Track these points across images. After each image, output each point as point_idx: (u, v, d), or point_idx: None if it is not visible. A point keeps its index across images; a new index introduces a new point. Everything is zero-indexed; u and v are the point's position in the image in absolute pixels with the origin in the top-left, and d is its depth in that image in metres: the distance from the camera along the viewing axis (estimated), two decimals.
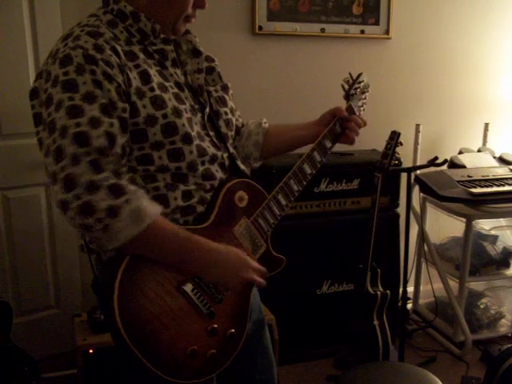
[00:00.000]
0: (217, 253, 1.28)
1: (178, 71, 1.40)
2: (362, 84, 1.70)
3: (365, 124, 1.62)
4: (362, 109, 1.70)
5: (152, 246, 1.21)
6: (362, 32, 3.23)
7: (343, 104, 1.65)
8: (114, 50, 1.24)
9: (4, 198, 2.75)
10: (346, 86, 1.67)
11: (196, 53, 1.47)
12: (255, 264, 1.35)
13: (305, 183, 1.52)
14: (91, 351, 2.25)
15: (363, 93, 1.71)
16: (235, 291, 1.36)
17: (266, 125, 1.66)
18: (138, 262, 1.21)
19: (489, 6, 3.51)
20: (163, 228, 1.21)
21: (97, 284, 1.33)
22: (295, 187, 1.50)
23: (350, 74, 1.69)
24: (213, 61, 1.55)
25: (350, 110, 1.63)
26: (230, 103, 1.55)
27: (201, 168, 1.34)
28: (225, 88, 1.55)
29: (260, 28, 3.01)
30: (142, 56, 1.30)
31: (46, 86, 1.21)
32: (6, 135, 2.70)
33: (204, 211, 1.35)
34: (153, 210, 1.18)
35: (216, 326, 1.30)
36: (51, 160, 1.15)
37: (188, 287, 1.26)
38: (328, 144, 1.57)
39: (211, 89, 1.50)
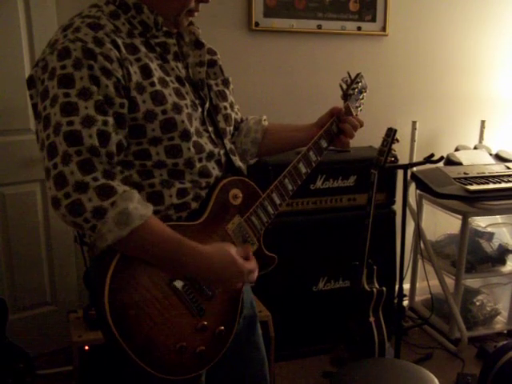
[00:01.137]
0: (209, 257, 1.27)
1: (180, 65, 1.38)
2: (360, 84, 1.69)
3: (361, 125, 1.60)
4: (359, 109, 1.69)
5: (141, 249, 1.20)
6: (359, 29, 3.22)
7: (339, 102, 1.64)
8: (114, 43, 1.22)
9: None
10: (344, 86, 1.66)
11: (198, 45, 1.46)
12: (246, 266, 1.32)
13: (299, 182, 1.52)
14: (87, 348, 2.25)
15: (361, 93, 1.70)
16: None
17: (266, 123, 1.65)
18: (130, 256, 1.21)
19: (485, 4, 3.51)
20: (153, 231, 1.19)
21: (88, 277, 1.32)
22: (290, 186, 1.49)
23: (349, 74, 1.67)
24: (215, 54, 1.53)
25: (347, 110, 1.62)
26: (230, 98, 1.54)
27: (198, 165, 1.33)
28: (226, 82, 1.53)
29: (256, 24, 3.01)
30: (143, 49, 1.29)
31: (43, 77, 1.19)
32: (2, 131, 2.69)
33: (198, 208, 1.34)
34: (140, 212, 1.16)
35: (206, 323, 1.30)
36: (45, 155, 1.15)
37: (179, 284, 1.25)
38: (324, 144, 1.56)
39: (212, 82, 1.49)
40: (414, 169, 3.07)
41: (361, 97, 1.70)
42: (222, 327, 1.35)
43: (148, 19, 1.31)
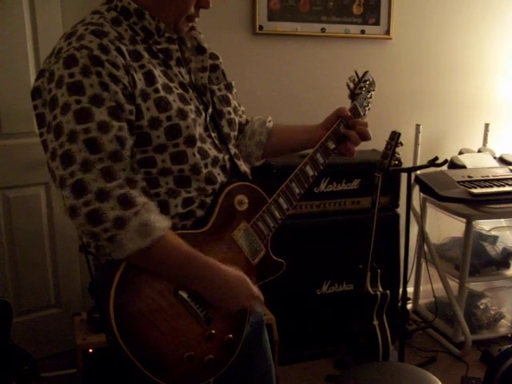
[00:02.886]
0: (222, 276, 1.26)
1: (183, 70, 1.37)
2: (368, 83, 1.65)
3: (366, 126, 1.56)
4: (367, 108, 1.65)
5: (156, 261, 1.19)
6: (363, 32, 3.23)
7: (346, 103, 1.62)
8: (119, 50, 1.21)
9: (4, 198, 2.75)
10: (352, 85, 1.62)
11: (200, 50, 1.45)
12: (256, 291, 1.33)
13: (307, 186, 1.48)
14: (91, 350, 2.25)
15: (369, 91, 1.66)
16: None
17: (271, 124, 1.62)
18: (135, 266, 1.19)
19: (489, 7, 3.50)
20: (170, 244, 1.19)
21: (94, 287, 1.31)
22: (297, 190, 1.46)
23: (356, 72, 1.64)
24: (217, 58, 1.52)
25: (354, 109, 1.58)
26: (234, 102, 1.52)
27: (204, 171, 1.32)
28: (228, 87, 1.51)
29: (260, 28, 3.01)
30: (146, 56, 1.28)
31: (50, 87, 1.18)
32: (6, 134, 2.70)
33: (204, 215, 1.33)
34: (161, 224, 1.16)
35: (213, 331, 1.29)
36: (58, 164, 1.13)
37: (185, 293, 1.24)
38: (331, 145, 1.52)
39: (214, 87, 1.47)
40: (418, 172, 3.06)
41: (369, 95, 1.66)
42: (231, 335, 1.33)
43: (150, 25, 1.30)
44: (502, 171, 3.17)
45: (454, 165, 3.21)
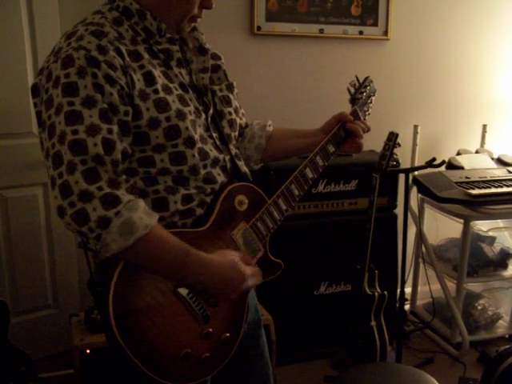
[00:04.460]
0: (214, 267, 1.27)
1: (183, 71, 1.38)
2: (369, 88, 1.67)
3: (368, 130, 1.59)
4: (367, 113, 1.67)
5: (146, 258, 1.20)
6: (361, 33, 3.23)
7: (341, 105, 1.63)
8: (117, 50, 1.22)
9: (2, 198, 2.75)
10: (352, 90, 1.64)
11: (202, 51, 1.45)
12: (251, 271, 1.33)
13: (306, 188, 1.50)
14: (88, 351, 2.25)
15: (369, 97, 1.68)
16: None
17: (271, 128, 1.64)
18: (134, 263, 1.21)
19: (486, 8, 3.51)
20: (158, 240, 1.20)
21: (93, 283, 1.32)
22: (296, 192, 1.48)
23: (357, 78, 1.66)
24: (219, 58, 1.53)
25: (354, 114, 1.60)
26: (235, 103, 1.53)
27: (202, 171, 1.33)
28: (230, 87, 1.52)
29: (259, 28, 3.01)
30: (146, 56, 1.28)
31: (47, 86, 1.19)
32: (4, 135, 2.69)
33: (203, 214, 1.34)
34: (146, 221, 1.17)
35: (211, 329, 1.30)
36: (50, 164, 1.16)
37: (184, 290, 1.25)
38: (331, 149, 1.54)
39: (216, 88, 1.48)
40: (416, 173, 3.07)
41: (369, 101, 1.68)
42: (228, 334, 1.34)
43: (151, 26, 1.31)
44: (500, 172, 3.17)
45: (451, 166, 3.21)
